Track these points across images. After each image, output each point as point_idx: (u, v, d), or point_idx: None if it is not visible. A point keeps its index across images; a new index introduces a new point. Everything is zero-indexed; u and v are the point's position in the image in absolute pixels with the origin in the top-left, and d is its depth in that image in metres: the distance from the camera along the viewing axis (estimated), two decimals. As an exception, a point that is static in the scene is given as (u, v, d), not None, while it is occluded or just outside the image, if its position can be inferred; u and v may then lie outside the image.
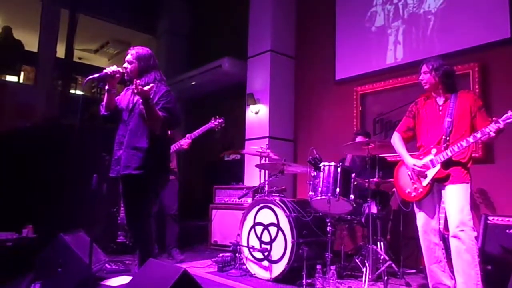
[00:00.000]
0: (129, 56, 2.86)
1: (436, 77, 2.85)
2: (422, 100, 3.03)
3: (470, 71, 3.98)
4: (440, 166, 2.76)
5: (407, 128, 3.10)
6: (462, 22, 4.14)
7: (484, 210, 3.72)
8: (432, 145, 2.84)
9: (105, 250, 4.00)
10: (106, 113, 2.86)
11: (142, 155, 2.70)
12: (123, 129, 2.83)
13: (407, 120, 3.11)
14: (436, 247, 2.86)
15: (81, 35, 7.29)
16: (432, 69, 2.86)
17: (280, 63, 5.86)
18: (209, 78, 6.78)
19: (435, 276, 2.86)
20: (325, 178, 3.46)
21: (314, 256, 3.40)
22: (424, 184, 2.83)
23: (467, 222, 2.62)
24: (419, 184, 2.87)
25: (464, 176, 2.73)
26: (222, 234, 5.02)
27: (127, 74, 2.84)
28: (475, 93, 2.92)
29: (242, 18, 6.28)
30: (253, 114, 5.85)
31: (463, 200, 2.68)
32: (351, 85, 5.16)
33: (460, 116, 2.77)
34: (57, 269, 2.99)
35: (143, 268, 2.28)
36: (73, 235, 3.25)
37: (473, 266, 2.57)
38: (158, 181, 2.90)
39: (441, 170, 2.76)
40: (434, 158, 2.79)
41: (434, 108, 2.92)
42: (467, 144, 2.67)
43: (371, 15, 5.09)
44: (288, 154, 5.56)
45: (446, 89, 2.87)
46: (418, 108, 3.03)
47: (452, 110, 2.81)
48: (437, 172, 2.76)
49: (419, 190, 2.86)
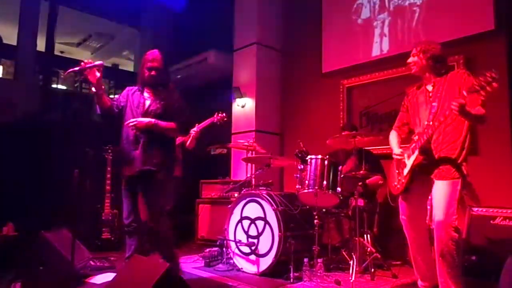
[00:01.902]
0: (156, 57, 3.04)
1: (424, 59, 2.68)
2: (413, 91, 2.89)
3: (455, 63, 4.00)
4: (418, 151, 2.62)
5: (402, 124, 2.96)
6: (447, 14, 4.15)
7: (468, 202, 3.75)
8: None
9: (89, 247, 3.94)
10: (100, 112, 2.98)
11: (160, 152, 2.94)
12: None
13: (401, 115, 2.98)
14: (422, 239, 2.79)
15: (62, 28, 7.15)
16: (420, 51, 2.71)
17: (266, 56, 5.82)
18: (195, 72, 6.71)
19: (420, 268, 2.81)
20: (312, 171, 3.44)
21: (301, 249, 3.39)
22: (405, 173, 2.72)
23: (451, 222, 2.47)
24: (402, 175, 2.76)
25: (452, 172, 2.53)
26: (209, 229, 4.99)
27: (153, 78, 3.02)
28: (466, 71, 2.64)
29: (228, 10, 6.20)
30: (239, 107, 5.80)
31: (448, 197, 2.50)
32: (338, 78, 5.16)
33: (447, 99, 2.56)
34: (39, 267, 2.93)
35: (127, 264, 2.24)
36: (55, 232, 3.18)
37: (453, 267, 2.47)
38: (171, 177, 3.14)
39: (418, 156, 2.62)
40: (414, 144, 2.66)
41: (424, 96, 2.76)
42: (439, 124, 2.50)
43: (357, 7, 5.08)
44: (274, 148, 5.54)
45: (435, 73, 2.70)
46: (409, 99, 2.90)
47: (440, 94, 2.63)
48: (415, 158, 2.63)
49: (401, 181, 2.76)
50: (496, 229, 3.32)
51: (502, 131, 3.47)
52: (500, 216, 3.39)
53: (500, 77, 3.38)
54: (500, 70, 3.49)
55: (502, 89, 3.41)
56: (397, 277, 3.32)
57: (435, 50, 2.67)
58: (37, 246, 2.98)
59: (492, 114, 3.67)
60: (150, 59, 3.05)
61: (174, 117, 3.03)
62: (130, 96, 3.09)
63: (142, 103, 3.02)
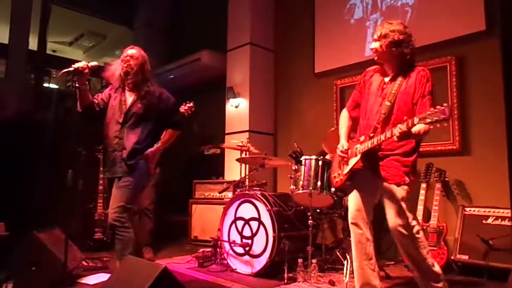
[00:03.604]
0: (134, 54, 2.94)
1: (383, 45, 2.38)
2: (371, 71, 2.62)
3: (447, 64, 4.04)
4: (360, 156, 2.43)
5: (355, 104, 2.67)
6: (439, 14, 4.17)
7: (461, 202, 3.79)
8: (364, 132, 2.48)
9: (81, 247, 3.91)
10: (81, 109, 2.87)
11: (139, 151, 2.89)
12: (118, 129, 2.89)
13: (357, 94, 2.67)
14: (368, 242, 2.50)
15: (55, 27, 7.06)
16: (380, 36, 2.40)
17: (260, 56, 5.82)
18: (188, 72, 6.66)
19: (364, 274, 2.49)
20: (306, 172, 3.44)
21: (296, 249, 3.40)
22: (344, 172, 2.54)
23: (407, 225, 2.32)
24: (341, 171, 2.59)
25: (399, 175, 2.33)
26: (202, 229, 4.97)
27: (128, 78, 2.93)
28: (427, 74, 2.35)
29: (221, 10, 6.19)
30: (233, 108, 5.79)
31: (397, 203, 2.32)
32: (331, 78, 5.17)
33: (402, 101, 2.33)
34: (31, 268, 2.89)
35: (122, 266, 2.22)
36: (47, 232, 3.14)
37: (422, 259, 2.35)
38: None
39: (359, 161, 2.44)
40: (359, 146, 2.43)
41: (377, 86, 2.49)
42: (385, 139, 2.26)
43: (350, 7, 5.09)
44: (268, 148, 5.54)
45: (400, 61, 2.40)
46: (364, 80, 2.62)
47: (395, 92, 2.36)
48: (356, 162, 2.45)
49: (340, 177, 2.60)
50: (489, 228, 3.37)
51: (495, 131, 3.50)
52: (493, 216, 3.43)
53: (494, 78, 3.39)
54: (493, 71, 3.56)
55: (496, 89, 3.46)
56: (390, 277, 3.34)
57: (395, 34, 2.35)
58: (29, 246, 2.94)
59: (485, 115, 3.75)
60: (125, 55, 2.96)
61: (165, 118, 3.00)
62: (112, 95, 3.00)
63: (123, 102, 2.93)
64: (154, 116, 2.94)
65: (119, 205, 2.76)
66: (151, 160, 2.91)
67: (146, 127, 2.91)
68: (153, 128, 2.96)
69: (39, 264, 2.90)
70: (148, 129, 2.92)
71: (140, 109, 2.89)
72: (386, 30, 2.38)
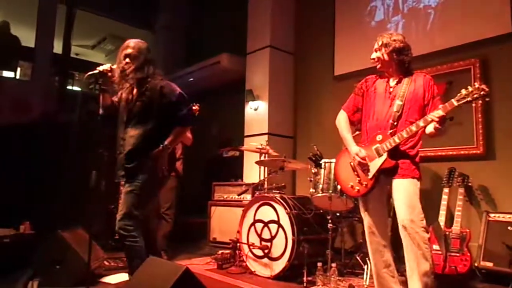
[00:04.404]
0: (130, 50, 2.75)
1: (386, 54, 2.51)
2: (373, 78, 2.69)
3: (471, 66, 3.96)
4: (386, 155, 2.41)
5: (356, 109, 2.72)
6: (463, 16, 4.10)
7: (485, 207, 3.71)
8: (378, 131, 2.49)
9: (104, 247, 3.98)
10: (103, 111, 2.81)
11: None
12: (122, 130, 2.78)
13: (356, 99, 2.72)
14: (385, 249, 2.54)
15: (78, 31, 7.21)
16: (381, 46, 2.53)
17: (279, 59, 5.82)
18: (208, 74, 6.73)
19: (384, 282, 2.54)
20: (326, 175, 3.43)
21: (315, 253, 3.38)
22: (369, 177, 2.47)
23: (419, 222, 2.30)
24: (363, 177, 2.51)
25: (413, 170, 2.40)
26: (221, 231, 5.00)
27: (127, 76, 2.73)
28: (431, 78, 2.51)
29: (241, 13, 6.23)
30: (252, 110, 5.81)
31: (413, 196, 2.35)
32: (350, 81, 5.10)
33: (412, 100, 2.44)
34: (55, 266, 2.97)
35: (143, 266, 2.25)
36: (71, 231, 3.22)
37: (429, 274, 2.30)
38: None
39: (388, 159, 2.41)
40: (380, 146, 2.43)
41: (384, 89, 2.57)
42: (417, 129, 2.32)
43: (371, 9, 5.05)
44: (287, 151, 5.53)
45: (401, 68, 2.53)
46: (367, 86, 2.68)
47: (404, 92, 2.46)
48: (384, 162, 2.42)
49: (363, 184, 2.50)
50: (514, 235, 3.28)
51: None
52: (518, 222, 3.35)
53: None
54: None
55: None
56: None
57: (397, 43, 2.50)
58: (53, 245, 3.02)
59: (510, 118, 3.66)
60: (125, 46, 2.79)
61: (170, 114, 2.71)
62: (123, 94, 2.86)
63: (129, 101, 2.78)
64: (156, 113, 2.70)
65: (124, 212, 2.59)
66: (157, 161, 2.66)
67: (148, 125, 2.69)
68: (156, 126, 2.70)
69: (63, 262, 2.97)
70: (150, 128, 2.69)
71: (139, 107, 2.71)
72: (388, 40, 2.53)
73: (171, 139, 2.70)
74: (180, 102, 2.74)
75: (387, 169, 2.43)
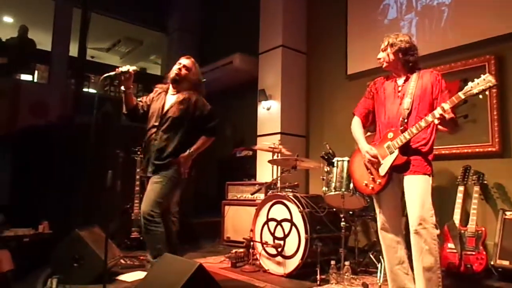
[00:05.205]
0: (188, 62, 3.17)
1: (392, 53, 2.57)
2: (381, 79, 2.75)
3: (486, 63, 3.90)
4: (398, 151, 2.44)
5: (367, 111, 2.78)
6: (477, 13, 4.05)
7: (501, 205, 3.66)
8: (390, 129, 2.52)
9: (119, 246, 4.04)
10: (126, 112, 3.07)
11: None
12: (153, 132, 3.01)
13: (366, 102, 2.79)
14: (398, 246, 2.57)
15: (93, 34, 7.34)
16: (387, 46, 2.59)
17: (292, 59, 5.83)
18: (221, 75, 6.77)
19: (397, 279, 2.56)
20: (339, 173, 3.43)
21: (328, 251, 3.39)
22: (382, 174, 2.50)
23: (428, 219, 2.32)
24: (376, 175, 2.54)
25: (425, 166, 2.41)
26: (235, 230, 5.03)
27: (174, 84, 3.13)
28: (438, 73, 2.54)
29: (253, 13, 6.25)
30: (264, 110, 5.83)
31: (424, 193, 2.36)
32: (363, 79, 5.09)
33: (421, 97, 2.47)
34: (73, 264, 3.04)
35: (158, 263, 2.30)
36: (88, 230, 3.29)
37: (434, 269, 2.30)
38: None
39: (400, 156, 2.43)
40: (391, 143, 2.47)
41: (393, 89, 2.62)
42: (426, 124, 2.33)
43: (384, 8, 5.02)
44: (300, 150, 5.53)
45: (406, 67, 2.58)
46: (376, 88, 2.74)
47: (412, 90, 2.49)
48: (396, 158, 2.44)
49: (377, 181, 2.54)
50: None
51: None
52: (535, 220, 3.30)
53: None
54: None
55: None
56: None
57: (402, 43, 2.55)
58: (71, 244, 3.09)
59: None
60: (179, 62, 3.17)
61: (199, 124, 3.04)
62: (155, 98, 3.17)
63: (163, 106, 3.07)
64: (188, 121, 3.01)
65: (151, 199, 2.84)
66: (183, 165, 2.95)
67: (179, 131, 2.99)
68: (187, 133, 3.01)
69: (81, 260, 3.04)
70: (181, 134, 2.98)
71: (175, 113, 2.99)
72: (394, 40, 2.58)
73: (197, 147, 3.02)
74: (210, 115, 3.10)
75: (399, 165, 2.45)
